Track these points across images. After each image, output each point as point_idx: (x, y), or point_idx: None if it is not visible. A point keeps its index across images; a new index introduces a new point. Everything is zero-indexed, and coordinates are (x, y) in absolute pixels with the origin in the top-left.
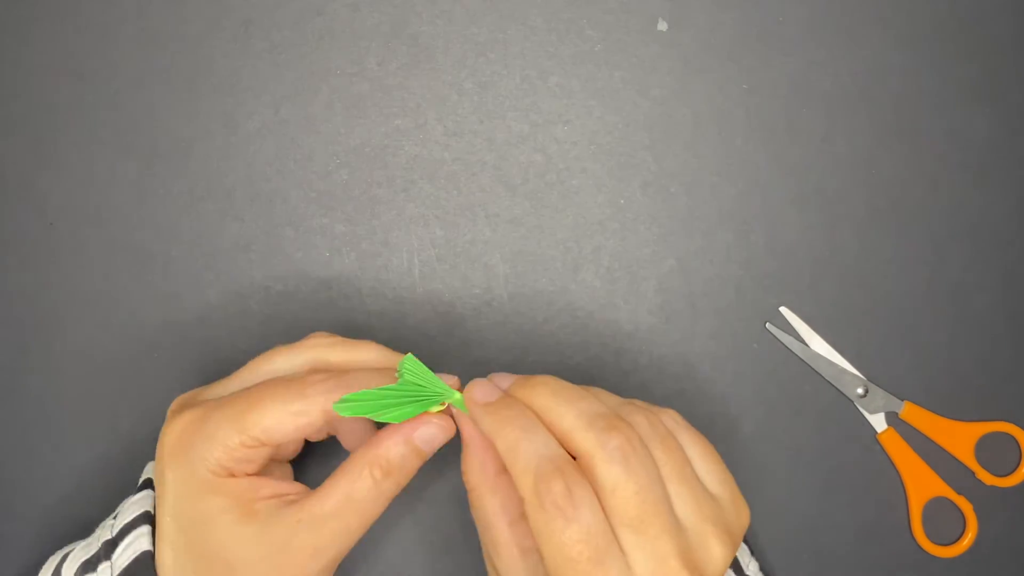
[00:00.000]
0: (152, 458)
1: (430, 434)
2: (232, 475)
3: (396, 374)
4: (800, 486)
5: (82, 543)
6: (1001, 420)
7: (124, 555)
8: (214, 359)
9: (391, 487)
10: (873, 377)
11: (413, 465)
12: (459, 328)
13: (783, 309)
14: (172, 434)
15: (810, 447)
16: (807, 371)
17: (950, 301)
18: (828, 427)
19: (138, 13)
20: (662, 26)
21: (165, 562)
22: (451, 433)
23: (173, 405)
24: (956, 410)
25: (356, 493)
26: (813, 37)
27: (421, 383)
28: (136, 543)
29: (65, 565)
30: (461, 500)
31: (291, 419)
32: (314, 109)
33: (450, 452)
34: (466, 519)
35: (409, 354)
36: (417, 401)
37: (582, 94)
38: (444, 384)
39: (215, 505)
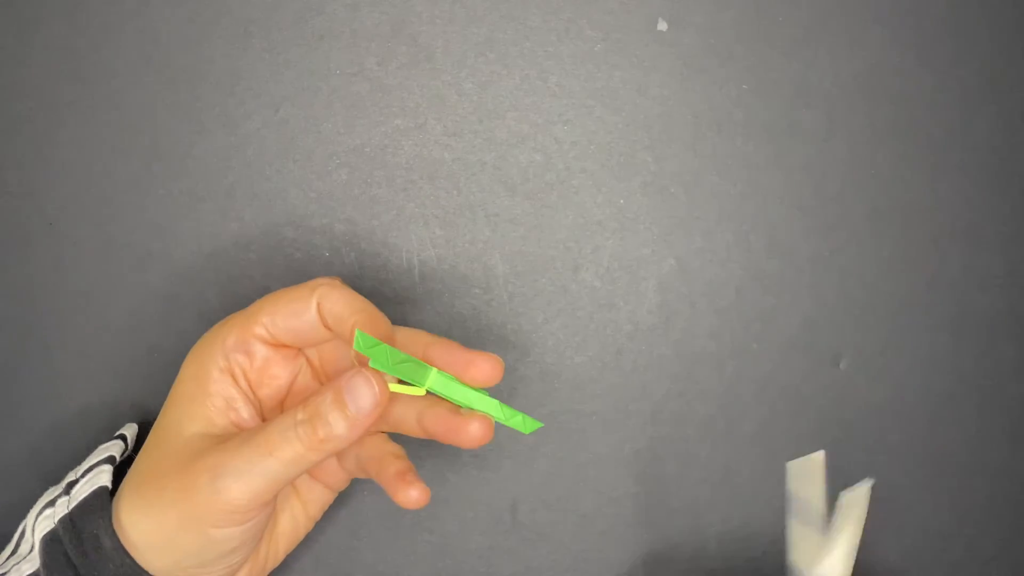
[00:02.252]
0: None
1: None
2: (231, 375)
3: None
4: None
5: (51, 488)
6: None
7: (83, 489)
8: None
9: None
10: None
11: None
12: (459, 328)
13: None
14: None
15: (810, 447)
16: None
17: (950, 301)
18: None
19: (138, 13)
20: (662, 26)
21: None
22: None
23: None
24: (956, 410)
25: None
26: (813, 37)
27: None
28: (96, 479)
29: (31, 511)
30: (460, 500)
31: (291, 312)
32: (314, 109)
33: (451, 454)
34: (466, 518)
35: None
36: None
37: (582, 94)
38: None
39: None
